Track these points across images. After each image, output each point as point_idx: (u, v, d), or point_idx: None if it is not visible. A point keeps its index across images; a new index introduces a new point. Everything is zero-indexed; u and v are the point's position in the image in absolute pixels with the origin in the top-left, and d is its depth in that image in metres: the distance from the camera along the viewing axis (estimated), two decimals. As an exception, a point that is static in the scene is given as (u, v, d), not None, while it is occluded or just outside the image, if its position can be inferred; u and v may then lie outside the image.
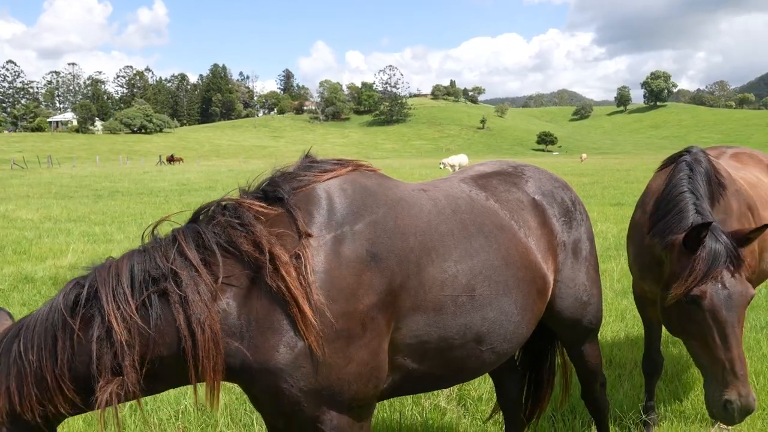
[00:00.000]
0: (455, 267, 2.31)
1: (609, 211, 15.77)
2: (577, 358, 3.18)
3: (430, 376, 2.39)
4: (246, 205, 2.09)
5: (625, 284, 7.57)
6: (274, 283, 1.93)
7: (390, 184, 2.40)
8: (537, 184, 2.91)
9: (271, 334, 1.95)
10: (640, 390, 4.45)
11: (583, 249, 2.96)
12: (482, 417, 4.16)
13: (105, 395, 1.83)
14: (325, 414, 2.04)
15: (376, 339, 2.07)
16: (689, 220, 3.08)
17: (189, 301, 1.89)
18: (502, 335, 2.47)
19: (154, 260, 1.96)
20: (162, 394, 4.47)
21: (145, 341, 1.88)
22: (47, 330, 1.87)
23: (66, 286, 1.96)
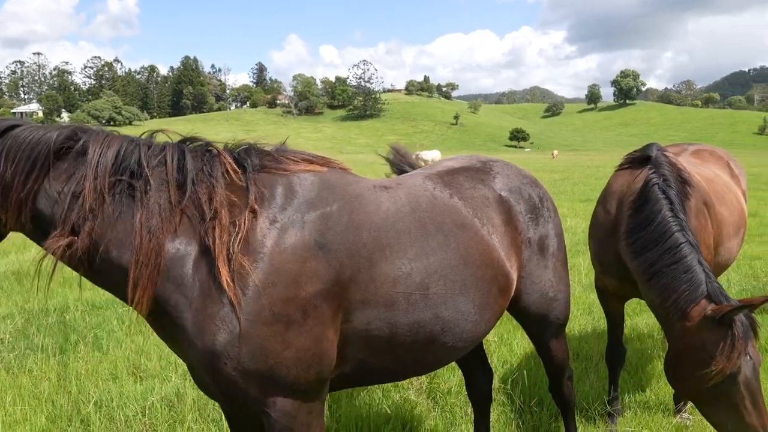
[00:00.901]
0: (410, 265, 2.32)
1: (579, 207, 16.00)
2: (544, 352, 3.22)
3: (381, 370, 2.44)
4: (223, 160, 2.18)
5: (593, 278, 7.70)
6: (206, 239, 2.01)
7: (351, 180, 2.42)
8: (504, 181, 2.91)
9: (210, 302, 1.99)
10: (606, 381, 4.53)
11: (550, 245, 2.98)
12: (451, 410, 4.20)
13: (56, 245, 1.94)
14: (268, 397, 2.08)
15: (319, 327, 2.09)
16: (703, 286, 2.98)
17: (149, 207, 2.00)
18: (458, 334, 2.49)
19: (139, 156, 2.07)
20: (128, 390, 4.43)
21: (104, 220, 1.99)
22: (31, 155, 1.95)
23: (63, 129, 2.04)
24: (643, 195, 3.46)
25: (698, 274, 3.02)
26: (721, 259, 4.08)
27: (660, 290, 3.12)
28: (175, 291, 2.02)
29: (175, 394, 4.37)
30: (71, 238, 1.96)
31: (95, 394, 4.37)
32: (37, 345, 5.43)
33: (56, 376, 4.78)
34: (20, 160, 1.95)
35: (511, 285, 2.77)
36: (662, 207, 3.31)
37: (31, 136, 1.98)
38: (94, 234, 1.98)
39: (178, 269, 2.02)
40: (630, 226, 3.46)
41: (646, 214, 3.38)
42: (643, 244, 3.30)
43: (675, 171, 3.62)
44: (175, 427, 3.96)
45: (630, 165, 3.90)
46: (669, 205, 3.32)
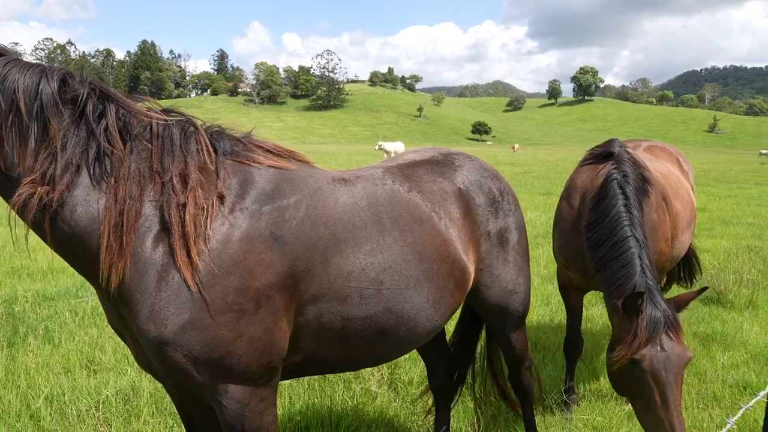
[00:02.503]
0: (364, 260, 2.32)
1: (538, 200, 16.29)
2: (504, 343, 3.25)
3: (332, 361, 2.45)
4: (200, 139, 2.16)
5: (552, 270, 7.85)
6: (170, 217, 1.97)
7: (310, 173, 2.41)
8: (465, 174, 2.91)
9: (165, 285, 1.95)
10: (563, 371, 4.63)
11: (510, 239, 3.00)
12: (412, 400, 4.22)
13: (28, 192, 1.85)
14: (220, 384, 2.07)
15: (271, 317, 2.09)
16: (635, 279, 3.12)
17: (131, 172, 1.96)
18: (411, 328, 2.50)
19: (128, 120, 2.05)
20: (81, 384, 4.30)
21: (84, 177, 1.93)
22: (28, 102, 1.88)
23: (53, 75, 1.95)
24: (602, 190, 3.56)
25: (634, 268, 3.17)
26: (675, 251, 4.21)
27: (603, 282, 3.29)
28: (131, 267, 1.95)
29: (131, 387, 4.26)
30: (46, 187, 1.87)
31: (46, 388, 4.23)
32: (-16, 338, 5.22)
33: (3, 369, 4.60)
34: (22, 102, 1.87)
35: (468, 278, 2.79)
36: (617, 202, 3.42)
37: (22, 77, 1.89)
38: (74, 189, 1.91)
39: (138, 243, 1.96)
40: (589, 220, 3.56)
41: (602, 209, 3.49)
42: (597, 239, 3.43)
43: (636, 168, 3.70)
44: (130, 422, 3.87)
45: (593, 160, 3.97)
46: (624, 200, 3.43)
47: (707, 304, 6.74)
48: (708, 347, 5.31)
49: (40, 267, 8.07)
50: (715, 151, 79.83)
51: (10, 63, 1.91)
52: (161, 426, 3.77)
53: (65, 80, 1.99)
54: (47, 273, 7.81)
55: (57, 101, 1.93)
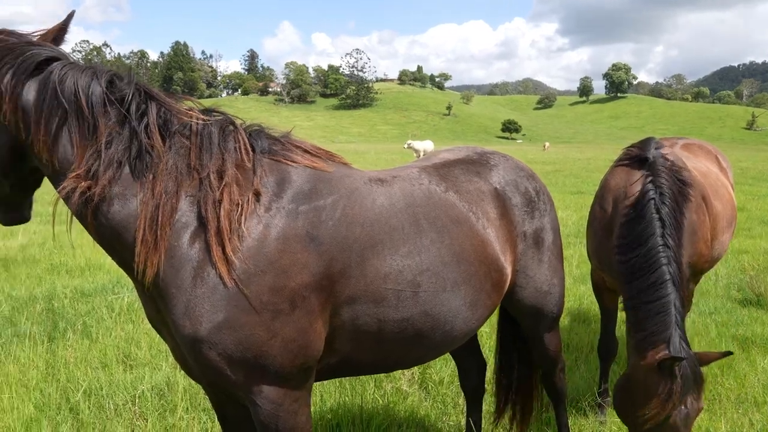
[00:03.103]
0: (402, 262, 2.30)
1: (570, 199, 16.06)
2: (537, 345, 3.21)
3: (367, 363, 2.44)
4: (238, 137, 2.19)
5: (584, 270, 7.74)
6: (207, 213, 1.99)
7: (347, 173, 2.40)
8: (501, 173, 2.87)
9: (201, 282, 1.97)
10: (596, 373, 4.56)
11: (545, 239, 2.96)
12: (443, 400, 4.21)
13: (72, 185, 1.94)
14: (254, 384, 2.08)
15: (306, 318, 2.09)
16: (669, 331, 3.03)
17: (168, 168, 2.01)
18: (447, 331, 2.47)
19: (168, 118, 2.10)
20: (118, 379, 4.40)
21: (125, 173, 1.99)
22: (78, 103, 1.97)
23: (101, 76, 2.03)
24: (637, 209, 3.44)
25: (669, 317, 3.08)
26: (715, 252, 4.10)
27: (633, 322, 3.20)
28: (166, 262, 1.99)
29: (166, 383, 4.35)
30: (90, 182, 1.95)
31: (84, 382, 4.34)
32: (25, 332, 5.38)
33: (44, 364, 4.74)
34: (73, 102, 1.96)
35: (505, 280, 2.75)
36: (654, 230, 3.30)
37: (75, 79, 1.98)
38: (114, 185, 1.98)
39: (174, 239, 1.99)
40: (621, 240, 3.44)
41: (638, 233, 3.37)
42: (631, 270, 3.31)
43: (673, 176, 3.58)
44: (165, 416, 3.94)
45: (628, 162, 3.86)
46: (661, 228, 3.32)
47: (746, 306, 6.56)
48: (747, 350, 5.17)
49: (78, 264, 8.29)
50: (753, 148, 77.62)
51: (67, 66, 2.01)
52: (195, 421, 3.83)
53: (113, 81, 2.06)
54: (85, 270, 8.01)
55: (104, 101, 2.01)
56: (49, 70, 1.98)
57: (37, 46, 2.02)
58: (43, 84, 1.96)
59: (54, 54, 2.03)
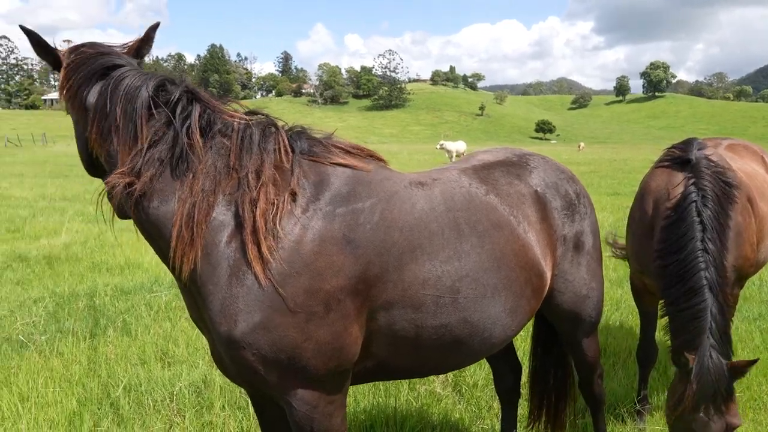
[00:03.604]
0: (441, 267, 2.27)
1: (606, 201, 15.77)
2: (575, 350, 3.15)
3: (404, 368, 2.43)
4: (279, 138, 2.23)
5: (621, 274, 7.58)
6: (244, 212, 2.01)
7: (387, 176, 2.39)
8: (541, 176, 2.82)
9: (236, 281, 1.99)
10: (634, 379, 4.47)
11: (585, 242, 2.90)
12: (477, 403, 4.18)
13: (117, 180, 2.04)
14: (289, 385, 2.09)
15: (341, 322, 2.07)
16: (702, 336, 3.03)
17: (207, 167, 2.06)
18: (486, 338, 2.43)
19: (212, 118, 2.17)
20: (156, 376, 4.49)
21: (166, 170, 2.06)
22: (129, 102, 2.09)
23: (153, 80, 2.14)
24: (678, 212, 3.38)
25: (704, 322, 3.05)
26: (761, 255, 3.97)
27: (672, 329, 3.25)
28: (202, 258, 2.03)
29: (203, 380, 4.42)
30: (132, 178, 2.04)
31: (124, 378, 4.44)
32: (68, 329, 5.54)
33: (86, 359, 4.87)
34: (123, 102, 2.09)
35: (545, 285, 2.70)
36: (694, 234, 3.24)
37: (129, 82, 2.12)
38: (155, 182, 2.06)
39: (212, 237, 2.03)
40: (660, 244, 3.40)
41: (677, 237, 3.32)
42: (669, 276, 3.29)
43: (717, 177, 3.48)
44: (202, 413, 4.01)
45: (670, 163, 3.77)
46: (701, 233, 3.25)
47: None
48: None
49: (118, 262, 8.50)
50: (799, 149, 74.86)
51: (127, 71, 2.15)
52: (231, 419, 3.88)
53: (164, 85, 2.15)
54: (124, 268, 8.21)
55: (150, 105, 2.10)
56: (111, 76, 2.14)
57: (108, 55, 2.21)
58: (103, 87, 2.13)
59: (120, 62, 2.20)
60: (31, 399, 4.13)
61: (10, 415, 3.94)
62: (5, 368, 4.66)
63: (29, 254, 8.86)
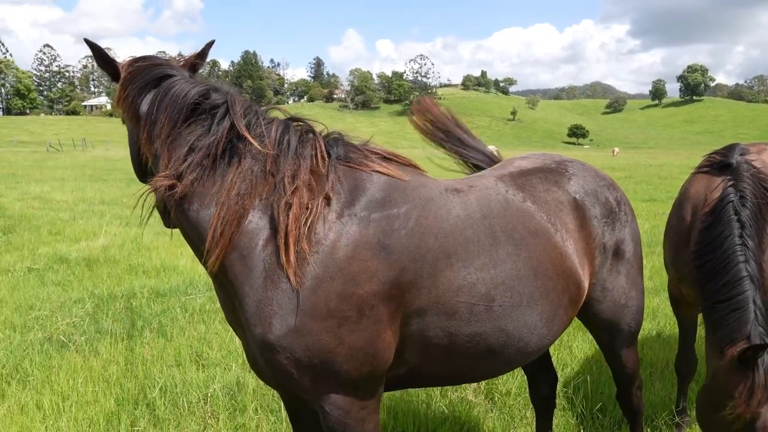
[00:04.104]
0: (475, 275, 2.25)
1: (641, 207, 15.47)
2: (614, 361, 3.09)
3: (437, 375, 2.42)
4: (316, 144, 2.26)
5: (657, 282, 7.41)
6: (279, 216, 2.05)
7: (423, 183, 2.38)
8: (580, 183, 2.77)
9: (271, 284, 2.01)
10: (672, 390, 4.36)
11: (626, 251, 2.84)
12: (510, 412, 4.13)
13: (160, 183, 2.11)
14: (322, 390, 2.10)
15: (374, 327, 2.07)
16: (747, 327, 2.86)
17: (243, 171, 2.11)
18: (521, 347, 2.41)
19: (250, 122, 2.22)
20: (191, 377, 4.56)
21: (207, 174, 2.12)
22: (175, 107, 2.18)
23: (199, 87, 2.23)
24: (716, 212, 3.27)
25: (747, 314, 2.88)
26: None
27: (710, 324, 3.03)
28: (239, 261, 2.06)
29: (236, 383, 4.47)
30: (174, 181, 2.11)
31: (160, 379, 4.52)
32: (106, 329, 5.67)
33: (124, 360, 4.97)
34: (169, 109, 2.18)
35: (582, 294, 2.65)
36: (732, 231, 3.12)
37: (177, 90, 2.21)
38: (196, 185, 2.11)
39: (248, 240, 2.06)
40: (698, 245, 3.28)
41: (715, 236, 3.20)
42: (707, 272, 3.15)
43: (758, 182, 3.36)
44: (235, 416, 4.05)
45: (709, 169, 3.67)
46: (740, 229, 3.12)
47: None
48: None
49: (154, 265, 8.67)
50: None
51: (176, 80, 2.25)
52: (264, 422, 3.92)
53: (207, 93, 2.23)
54: (160, 270, 8.37)
55: (192, 110, 2.19)
56: (162, 85, 2.24)
57: (161, 66, 2.32)
58: (155, 96, 2.23)
59: (172, 72, 2.30)
60: (72, 398, 4.24)
61: (51, 413, 4.05)
62: (47, 367, 4.80)
63: (69, 256, 9.11)
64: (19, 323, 5.93)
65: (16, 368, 4.80)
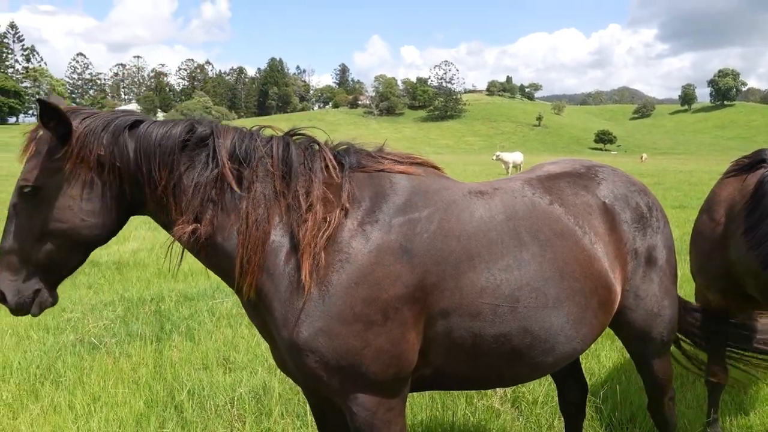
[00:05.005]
0: (499, 276, 2.26)
1: (671, 214, 15.13)
2: (645, 371, 3.03)
3: (462, 377, 2.42)
4: (323, 155, 2.27)
5: (687, 290, 7.25)
6: (298, 232, 2.09)
7: (445, 186, 2.40)
8: (610, 187, 2.75)
9: (297, 295, 2.07)
10: (703, 401, 4.26)
11: (658, 258, 2.80)
12: (537, 420, 4.08)
13: (182, 232, 2.11)
14: (349, 391, 2.14)
15: (399, 329, 2.11)
16: None
17: (256, 196, 2.12)
18: (547, 350, 2.40)
19: (249, 146, 2.19)
20: (218, 381, 4.61)
21: (222, 207, 2.13)
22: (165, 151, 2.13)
23: (182, 124, 2.19)
24: (758, 192, 3.24)
25: None
26: None
27: None
28: (267, 280, 2.13)
29: (262, 387, 4.51)
30: (195, 225, 2.12)
31: (188, 382, 4.58)
32: (136, 332, 5.77)
33: (153, 362, 5.05)
34: (158, 156, 2.12)
35: (614, 299, 2.63)
36: None
37: (157, 132, 2.15)
38: (215, 221, 2.13)
39: (272, 259, 2.12)
40: (747, 225, 3.23)
41: (761, 210, 3.16)
42: (761, 237, 3.09)
43: None
44: (261, 420, 4.08)
45: (738, 171, 3.62)
46: None
47: None
48: None
49: (182, 269, 8.78)
50: None
51: (149, 125, 2.19)
52: (290, 427, 3.94)
53: (192, 128, 2.20)
54: (188, 275, 8.49)
55: (180, 150, 2.16)
56: (138, 133, 2.15)
57: (118, 115, 2.20)
58: (136, 144, 2.13)
59: (139, 118, 2.20)
60: (102, 398, 4.33)
61: (83, 413, 4.13)
62: (79, 368, 4.90)
63: (101, 260, 9.30)
64: (52, 325, 6.07)
65: (49, 369, 4.92)
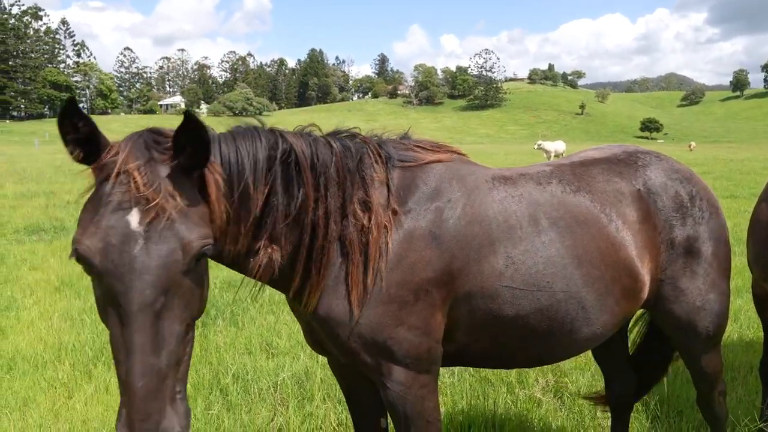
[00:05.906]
0: (518, 260, 2.34)
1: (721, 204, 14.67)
2: (692, 364, 2.96)
3: (485, 355, 2.52)
4: (370, 150, 2.28)
5: (739, 283, 7.03)
6: (363, 237, 2.14)
7: (470, 171, 2.46)
8: (648, 174, 2.69)
9: (340, 281, 2.17)
10: (756, 396, 4.13)
11: (702, 249, 2.70)
12: (579, 411, 4.03)
13: (263, 256, 2.06)
14: (384, 366, 2.25)
15: (428, 309, 2.24)
16: None
17: (328, 207, 2.12)
18: (565, 332, 2.46)
19: (325, 148, 2.16)
20: (261, 365, 4.70)
21: (293, 229, 2.10)
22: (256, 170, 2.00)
23: (262, 141, 2.03)
24: None
25: None
26: None
27: None
28: None
29: (304, 372, 4.58)
30: (275, 248, 2.09)
31: (233, 366, 4.69)
32: (183, 317, 5.92)
33: (199, 346, 5.19)
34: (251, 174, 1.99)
35: (640, 287, 2.61)
36: None
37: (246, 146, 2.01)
38: (286, 241, 2.10)
39: (331, 269, 2.19)
40: None
41: None
42: None
43: None
44: (304, 404, 4.15)
45: None
46: None
47: None
48: None
49: (226, 257, 8.98)
50: None
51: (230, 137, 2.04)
52: (332, 412, 4.00)
53: (276, 143, 2.08)
54: (231, 262, 8.66)
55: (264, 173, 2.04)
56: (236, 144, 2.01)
57: None
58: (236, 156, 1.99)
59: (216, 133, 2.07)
60: (151, 381, 4.46)
61: (133, 394, 4.27)
62: (129, 351, 5.06)
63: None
64: (103, 309, 6.29)
65: (102, 350, 5.11)
